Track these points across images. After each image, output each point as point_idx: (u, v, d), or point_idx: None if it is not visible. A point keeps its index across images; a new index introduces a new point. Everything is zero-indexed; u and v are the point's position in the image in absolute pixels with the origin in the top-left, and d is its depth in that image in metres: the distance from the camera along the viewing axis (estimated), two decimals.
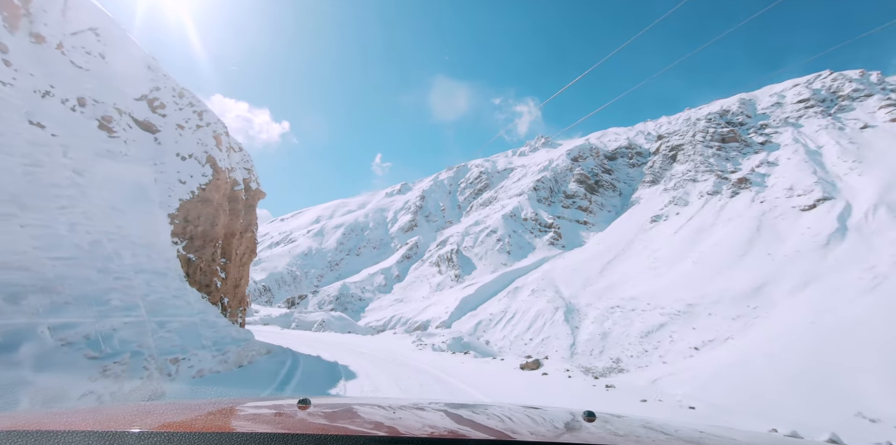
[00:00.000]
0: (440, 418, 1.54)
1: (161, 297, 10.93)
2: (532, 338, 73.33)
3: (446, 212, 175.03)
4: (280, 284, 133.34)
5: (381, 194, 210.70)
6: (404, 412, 1.61)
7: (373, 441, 0.97)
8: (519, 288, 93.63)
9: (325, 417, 1.38)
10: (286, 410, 1.55)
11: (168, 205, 12.92)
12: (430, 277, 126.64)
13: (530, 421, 1.58)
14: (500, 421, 1.52)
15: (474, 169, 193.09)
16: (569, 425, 1.54)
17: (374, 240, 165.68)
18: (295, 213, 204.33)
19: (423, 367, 16.85)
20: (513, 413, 1.71)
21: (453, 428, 1.31)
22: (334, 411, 1.59)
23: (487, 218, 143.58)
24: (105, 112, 11.90)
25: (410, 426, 1.32)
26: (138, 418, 1.29)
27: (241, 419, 1.44)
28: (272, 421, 1.34)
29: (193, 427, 1.19)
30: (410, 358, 19.91)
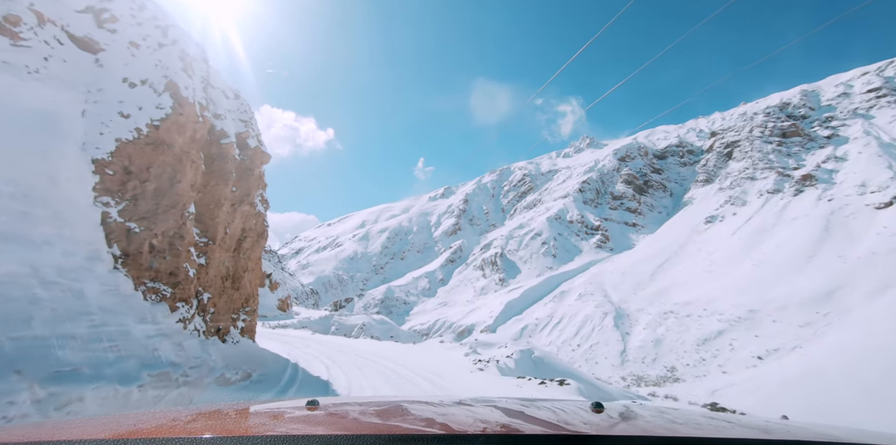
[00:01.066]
0: (450, 415, 1.50)
1: (53, 296, 6.77)
2: (580, 344, 71.00)
3: (490, 216, 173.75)
4: (327, 287, 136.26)
5: (424, 198, 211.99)
6: (413, 410, 1.58)
7: (384, 439, 0.97)
8: (565, 293, 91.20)
9: (334, 418, 1.39)
10: (295, 412, 1.53)
11: (97, 146, 8.89)
12: (475, 281, 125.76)
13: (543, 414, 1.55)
14: (511, 416, 1.50)
15: (517, 171, 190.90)
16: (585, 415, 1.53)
17: (418, 244, 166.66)
18: (341, 218, 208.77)
19: None
20: (522, 407, 1.68)
21: (465, 425, 1.30)
22: (343, 411, 1.56)
23: (532, 220, 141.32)
24: (8, 10, 8.23)
25: (420, 424, 1.32)
26: (145, 424, 1.29)
27: (250, 422, 1.43)
28: (282, 424, 1.34)
29: (202, 431, 1.18)
30: (474, 391, 13.54)
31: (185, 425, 1.36)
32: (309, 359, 15.98)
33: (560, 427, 1.30)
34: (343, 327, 58.85)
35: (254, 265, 18.20)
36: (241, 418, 1.53)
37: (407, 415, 1.52)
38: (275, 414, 1.60)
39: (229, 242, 14.28)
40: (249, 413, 1.62)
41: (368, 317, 64.34)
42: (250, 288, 17.65)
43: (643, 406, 1.91)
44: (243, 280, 16.01)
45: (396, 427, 1.21)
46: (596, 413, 1.53)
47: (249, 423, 1.43)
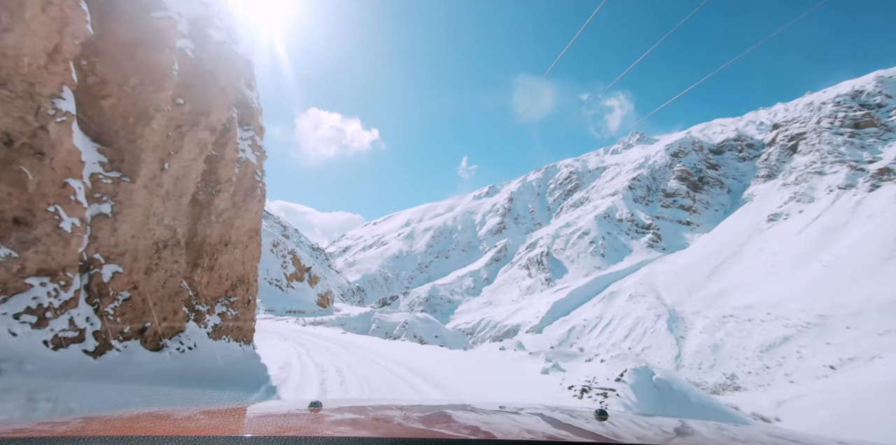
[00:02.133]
0: (453, 420, 1.49)
1: None
2: (630, 347, 68.36)
3: (535, 214, 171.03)
4: (373, 285, 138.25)
5: (468, 197, 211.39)
6: (416, 414, 1.59)
7: (386, 442, 0.96)
8: (615, 293, 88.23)
9: (336, 420, 1.39)
10: (297, 413, 1.52)
11: None
12: (520, 280, 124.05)
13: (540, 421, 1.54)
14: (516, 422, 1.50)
15: (564, 169, 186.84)
16: None
17: (462, 243, 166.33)
18: (386, 217, 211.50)
19: None
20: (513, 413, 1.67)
21: (467, 431, 1.29)
22: (346, 414, 1.57)
23: (579, 219, 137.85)
24: None
25: (422, 428, 1.32)
26: (147, 422, 1.29)
27: (252, 422, 1.43)
28: (284, 425, 1.33)
29: (203, 430, 1.18)
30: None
31: (185, 423, 1.36)
32: (310, 376, 9.95)
33: (562, 434, 1.30)
34: (384, 325, 55.20)
35: (244, 237, 12.95)
36: (243, 418, 1.54)
37: (405, 419, 1.49)
38: (277, 415, 1.59)
39: (170, 186, 8.91)
40: (251, 414, 1.62)
41: (411, 315, 60.37)
42: (243, 270, 13.14)
43: (648, 416, 1.82)
44: (223, 256, 11.57)
45: (397, 431, 1.20)
46: (599, 420, 1.49)
47: (249, 423, 1.43)
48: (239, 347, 12.25)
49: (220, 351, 10.54)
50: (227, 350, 11.27)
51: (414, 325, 56.20)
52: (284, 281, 58.21)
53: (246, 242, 13.45)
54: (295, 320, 38.03)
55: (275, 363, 11.38)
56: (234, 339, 12.17)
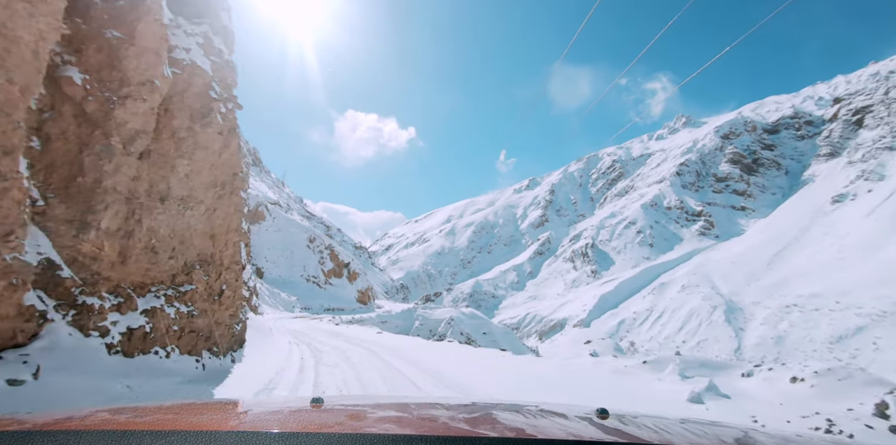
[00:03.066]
0: (453, 416, 1.50)
1: None
2: (685, 340, 65.31)
3: (578, 206, 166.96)
4: (416, 282, 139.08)
5: (509, 191, 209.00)
6: (418, 410, 1.59)
7: (387, 439, 0.97)
8: (666, 284, 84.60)
9: (339, 416, 1.39)
10: (300, 409, 1.51)
11: None
12: (565, 273, 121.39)
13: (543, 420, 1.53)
14: (519, 421, 1.49)
15: (606, 158, 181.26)
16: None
17: (504, 237, 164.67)
18: (427, 214, 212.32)
19: None
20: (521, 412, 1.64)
21: (467, 427, 1.31)
22: (348, 409, 1.57)
23: (624, 209, 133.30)
24: None
25: (424, 424, 1.33)
26: (149, 418, 1.30)
27: (254, 418, 1.43)
28: (286, 420, 1.34)
29: (204, 425, 1.19)
30: None
31: (186, 418, 1.35)
32: None
33: (562, 433, 1.30)
34: (428, 322, 51.64)
35: (205, 193, 8.86)
36: (244, 413, 1.52)
37: (407, 416, 1.48)
38: (279, 412, 1.58)
39: None
40: (251, 410, 1.60)
41: (456, 311, 56.06)
42: (208, 245, 9.09)
43: (652, 414, 1.81)
44: (158, 218, 7.69)
45: (398, 428, 1.20)
46: (601, 419, 1.47)
47: (251, 419, 1.42)
48: (196, 363, 8.24)
49: (131, 374, 6.51)
50: (151, 370, 7.04)
51: (460, 322, 52.00)
52: (322, 278, 56.60)
53: (211, 202, 8.93)
54: (330, 318, 36.61)
55: (247, 386, 7.82)
56: (189, 350, 8.25)
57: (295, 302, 47.20)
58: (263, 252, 53.31)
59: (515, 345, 49.19)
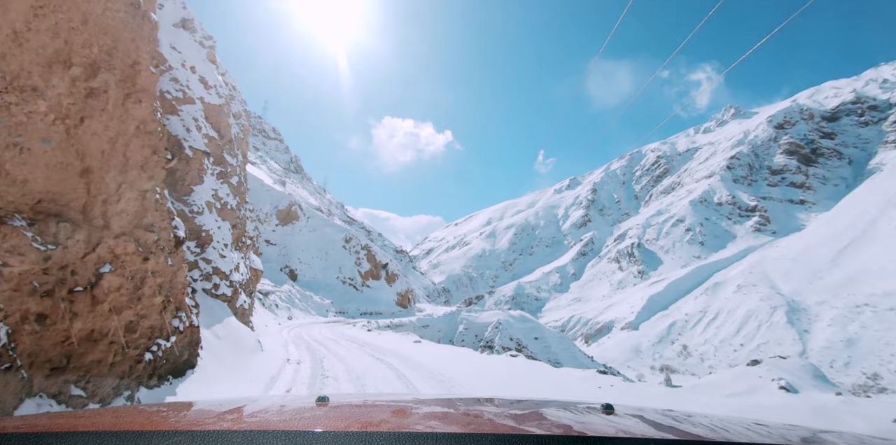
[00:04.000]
0: (461, 414, 1.50)
1: None
2: (743, 343, 61.43)
3: (622, 204, 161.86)
4: (458, 286, 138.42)
5: (549, 191, 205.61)
6: (424, 408, 1.59)
7: (393, 437, 0.97)
8: (720, 284, 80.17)
9: (345, 414, 1.39)
10: (305, 408, 1.51)
11: None
12: (610, 274, 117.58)
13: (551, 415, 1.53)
14: (518, 417, 1.49)
15: (650, 154, 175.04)
16: None
17: (546, 239, 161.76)
18: (467, 217, 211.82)
19: None
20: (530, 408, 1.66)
21: (477, 424, 1.31)
22: (354, 408, 1.57)
23: (671, 206, 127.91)
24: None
25: (430, 421, 1.33)
26: (154, 419, 1.31)
27: (259, 417, 1.42)
28: (291, 419, 1.34)
29: (211, 424, 1.21)
30: None
31: (190, 419, 1.35)
32: None
33: (569, 429, 1.29)
34: (473, 326, 48.26)
35: (56, 86, 4.56)
36: (249, 413, 1.49)
37: (417, 414, 1.48)
38: (284, 411, 1.55)
39: None
40: (257, 409, 1.57)
41: (504, 313, 51.87)
42: (90, 191, 5.15)
43: (656, 409, 1.81)
44: None
45: (407, 425, 1.21)
46: (606, 414, 1.48)
47: (257, 418, 1.39)
48: None
49: None
50: None
51: (508, 326, 47.56)
52: (359, 280, 54.29)
53: (69, 100, 4.91)
54: (366, 323, 34.30)
55: None
56: None
57: (329, 306, 45.27)
58: (297, 253, 52.03)
59: (571, 352, 45.68)
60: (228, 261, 13.07)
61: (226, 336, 10.28)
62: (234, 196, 14.84)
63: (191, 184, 12.50)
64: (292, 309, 35.65)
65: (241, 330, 11.27)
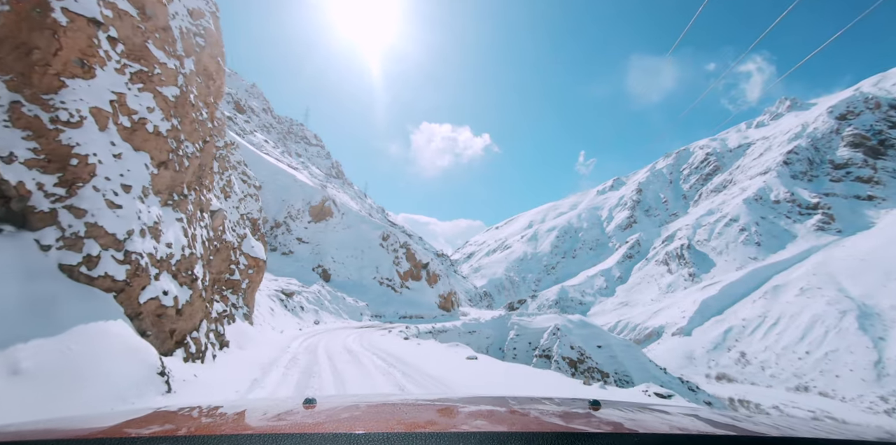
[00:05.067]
0: (447, 413, 1.53)
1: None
2: (808, 352, 57.02)
3: (669, 204, 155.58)
4: (499, 289, 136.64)
5: (591, 193, 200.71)
6: (411, 408, 1.60)
7: (382, 437, 0.97)
8: (780, 287, 75.09)
9: (332, 416, 1.39)
10: (292, 410, 1.52)
11: None
12: (658, 277, 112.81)
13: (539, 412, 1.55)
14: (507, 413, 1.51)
15: (698, 151, 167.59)
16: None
17: (589, 241, 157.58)
18: (507, 221, 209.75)
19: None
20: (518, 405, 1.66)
21: (460, 423, 1.33)
22: (341, 409, 1.56)
23: (723, 205, 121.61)
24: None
25: (418, 421, 1.33)
26: (141, 424, 1.30)
27: (249, 420, 1.42)
28: (280, 421, 1.34)
29: (196, 429, 1.20)
30: None
31: (177, 423, 1.32)
32: None
33: (557, 425, 1.29)
34: (525, 332, 43.59)
35: None
36: (238, 416, 1.48)
37: (401, 413, 1.47)
38: (271, 413, 1.53)
39: None
40: (245, 411, 1.56)
41: (560, 318, 46.38)
42: None
43: (642, 404, 1.81)
44: None
45: (394, 426, 1.21)
46: (593, 410, 1.50)
47: (246, 421, 1.38)
48: None
49: None
50: None
51: (567, 332, 42.12)
52: (397, 281, 51.00)
53: None
54: (404, 328, 31.69)
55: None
56: None
57: (364, 309, 41.94)
58: (330, 252, 49.46)
59: (640, 362, 41.57)
60: (128, 217, 6.94)
61: (75, 364, 4.94)
62: (169, 117, 8.65)
63: (61, 74, 6.45)
64: (321, 313, 33.36)
65: (123, 346, 5.72)
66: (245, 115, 79.61)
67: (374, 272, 50.52)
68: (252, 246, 17.43)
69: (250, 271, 17.01)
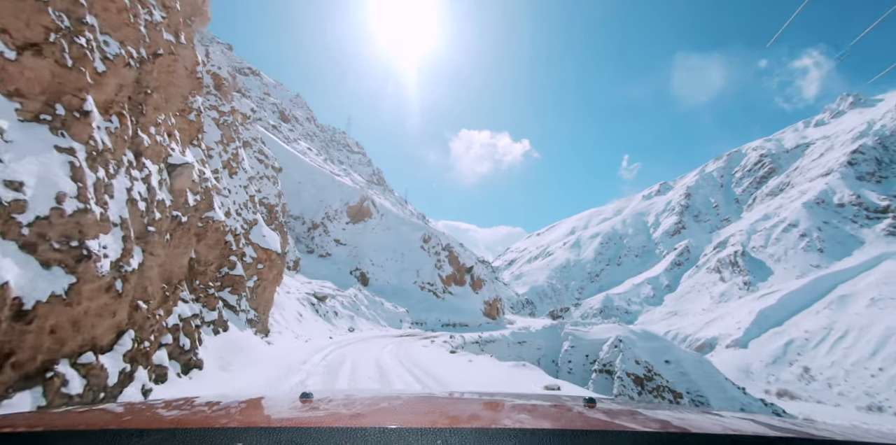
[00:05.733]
0: (443, 407, 1.51)
1: None
2: (882, 368, 52.29)
3: (720, 209, 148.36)
4: (541, 297, 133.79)
5: (637, 198, 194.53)
6: (409, 403, 1.60)
7: (379, 432, 0.97)
8: (847, 297, 69.59)
9: (329, 410, 1.39)
10: (289, 405, 1.50)
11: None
12: (710, 286, 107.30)
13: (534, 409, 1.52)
14: (502, 410, 1.49)
15: (751, 153, 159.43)
16: None
17: (635, 248, 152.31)
18: (549, 227, 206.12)
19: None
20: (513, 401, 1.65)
21: (455, 417, 1.32)
22: (337, 404, 1.54)
23: (781, 209, 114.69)
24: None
25: (414, 416, 1.33)
26: (137, 416, 1.30)
27: (245, 414, 1.42)
28: (278, 416, 1.34)
29: (193, 422, 1.19)
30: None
31: (176, 416, 1.31)
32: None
33: (552, 422, 1.29)
34: (581, 344, 39.45)
35: None
36: (235, 410, 1.44)
37: (398, 408, 1.45)
38: (267, 407, 1.51)
39: None
40: (242, 406, 1.50)
41: (622, 328, 42.01)
42: None
43: (638, 401, 1.81)
44: None
45: (390, 421, 1.19)
46: (589, 408, 1.47)
47: (242, 415, 1.35)
48: None
49: None
50: None
51: (631, 344, 37.42)
52: (440, 285, 48.37)
53: None
54: (448, 338, 28.72)
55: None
56: None
57: (404, 315, 39.32)
58: (369, 254, 47.68)
59: (715, 381, 37.43)
60: None
61: None
62: None
63: None
64: (356, 319, 31.14)
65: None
66: (289, 124, 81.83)
67: (415, 276, 48.43)
68: (264, 235, 14.90)
69: (260, 266, 14.35)
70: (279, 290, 20.65)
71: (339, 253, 46.66)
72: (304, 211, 48.69)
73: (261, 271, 14.16)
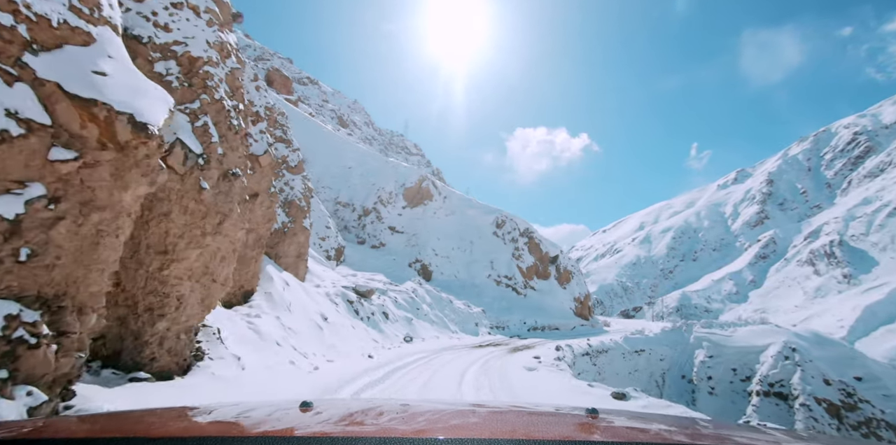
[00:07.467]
0: (448, 418, 1.50)
1: None
2: None
3: (808, 195, 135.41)
4: (611, 296, 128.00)
5: (711, 188, 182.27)
6: (408, 413, 1.59)
7: (378, 442, 0.96)
8: None
9: (328, 419, 1.38)
10: (289, 413, 1.50)
11: None
12: (803, 280, 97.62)
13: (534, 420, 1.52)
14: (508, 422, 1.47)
15: (843, 131, 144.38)
16: None
17: (711, 241, 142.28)
18: (615, 223, 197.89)
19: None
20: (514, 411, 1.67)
21: (455, 428, 1.31)
22: (337, 413, 1.54)
23: (883, 191, 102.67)
24: None
25: (416, 427, 1.32)
26: (140, 424, 1.30)
27: (243, 422, 1.42)
28: (276, 425, 1.34)
29: (192, 430, 1.19)
30: None
31: (177, 425, 1.31)
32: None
33: (553, 433, 1.27)
34: (724, 354, 27.47)
35: None
36: (234, 418, 1.46)
37: (400, 418, 1.47)
38: (266, 416, 1.49)
39: None
40: (241, 414, 1.52)
41: (783, 332, 28.42)
42: None
43: (642, 413, 1.82)
44: None
45: (390, 431, 1.21)
46: (591, 419, 1.46)
47: (241, 423, 1.36)
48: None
49: None
50: None
51: (805, 353, 25.68)
52: (520, 279, 41.33)
53: None
54: (553, 350, 19.30)
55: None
56: None
57: (480, 317, 32.10)
58: (431, 242, 41.72)
59: None
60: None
61: None
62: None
63: None
64: (415, 323, 23.84)
65: None
66: (348, 129, 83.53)
67: (489, 268, 41.25)
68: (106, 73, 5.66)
69: None
70: (289, 280, 15.78)
71: (395, 242, 41.30)
72: (354, 196, 43.71)
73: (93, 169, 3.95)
